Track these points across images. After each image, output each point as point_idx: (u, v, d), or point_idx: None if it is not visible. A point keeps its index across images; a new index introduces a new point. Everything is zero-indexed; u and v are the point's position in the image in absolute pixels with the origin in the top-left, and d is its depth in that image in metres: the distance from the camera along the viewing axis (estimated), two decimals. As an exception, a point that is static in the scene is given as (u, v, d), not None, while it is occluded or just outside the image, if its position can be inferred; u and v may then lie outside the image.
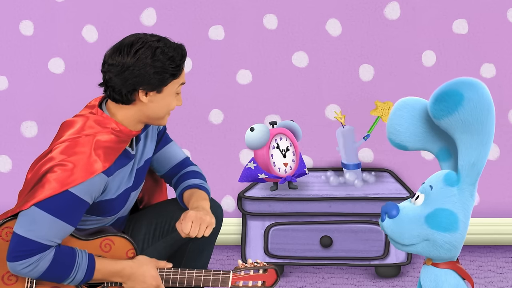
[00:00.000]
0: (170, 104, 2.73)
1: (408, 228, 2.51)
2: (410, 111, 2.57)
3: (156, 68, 2.65)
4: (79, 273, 2.66)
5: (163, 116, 2.75)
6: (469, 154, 2.46)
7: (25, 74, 3.93)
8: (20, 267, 2.60)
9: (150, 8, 3.90)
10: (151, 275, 2.74)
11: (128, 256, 2.76)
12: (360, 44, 3.91)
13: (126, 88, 2.67)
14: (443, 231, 2.50)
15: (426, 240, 2.52)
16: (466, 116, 2.40)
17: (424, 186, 2.57)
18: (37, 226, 2.59)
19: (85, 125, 2.70)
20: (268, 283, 2.84)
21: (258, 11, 3.90)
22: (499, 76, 3.90)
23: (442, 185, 2.52)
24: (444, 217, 2.50)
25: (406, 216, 2.52)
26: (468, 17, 3.87)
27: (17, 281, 2.69)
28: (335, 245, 3.60)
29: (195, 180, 2.94)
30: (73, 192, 2.60)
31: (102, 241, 2.74)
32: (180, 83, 2.73)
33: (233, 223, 3.93)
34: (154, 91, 2.68)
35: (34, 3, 3.89)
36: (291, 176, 3.62)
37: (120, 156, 2.72)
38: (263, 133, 3.57)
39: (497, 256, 3.84)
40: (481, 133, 2.43)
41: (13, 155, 3.97)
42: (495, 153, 3.94)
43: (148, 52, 2.66)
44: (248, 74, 3.95)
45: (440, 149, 2.60)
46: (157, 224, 2.94)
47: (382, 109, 3.69)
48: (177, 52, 2.69)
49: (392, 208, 2.53)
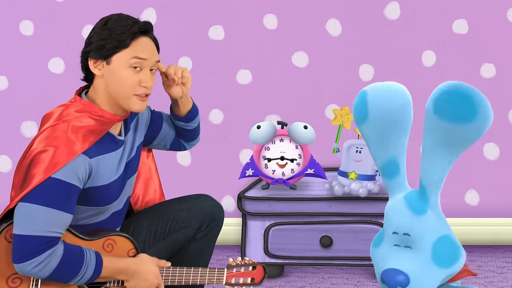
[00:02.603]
0: (127, 79, 2.65)
1: (427, 286, 2.39)
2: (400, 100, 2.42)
3: (102, 35, 2.65)
4: (88, 271, 2.65)
5: (126, 95, 2.67)
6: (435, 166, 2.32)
7: (25, 74, 3.94)
8: (29, 267, 2.57)
9: (150, 8, 3.91)
10: (153, 273, 2.75)
11: (129, 255, 2.77)
12: (360, 44, 3.91)
13: (81, 58, 2.70)
14: (454, 262, 2.40)
15: (445, 279, 2.42)
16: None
17: (399, 237, 2.40)
18: (32, 220, 2.56)
19: (63, 113, 2.69)
20: (256, 280, 2.90)
21: (258, 11, 3.90)
22: (499, 76, 3.90)
23: (414, 224, 2.38)
24: (446, 250, 2.38)
25: (417, 276, 2.37)
26: (468, 17, 3.87)
27: (21, 284, 2.68)
28: (335, 245, 3.60)
29: None
30: (57, 177, 2.57)
31: (105, 241, 2.74)
32: (132, 55, 2.65)
33: (233, 223, 3.93)
34: (100, 59, 2.66)
35: (34, 3, 3.89)
36: (284, 180, 3.60)
37: (104, 140, 2.70)
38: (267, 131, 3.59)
39: (497, 256, 3.84)
40: None
41: (13, 155, 3.97)
42: (495, 153, 3.94)
43: (102, 21, 2.69)
44: (248, 74, 3.95)
45: (388, 161, 2.44)
46: (158, 225, 2.94)
47: (341, 116, 3.64)
48: (129, 22, 2.67)
49: (400, 275, 2.37)
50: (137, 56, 2.66)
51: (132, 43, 2.66)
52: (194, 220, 2.93)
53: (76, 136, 2.61)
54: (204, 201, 2.96)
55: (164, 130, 2.99)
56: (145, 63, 2.68)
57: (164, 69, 2.82)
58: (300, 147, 3.65)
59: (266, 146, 3.65)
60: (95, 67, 2.68)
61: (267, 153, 3.65)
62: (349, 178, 3.56)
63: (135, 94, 2.68)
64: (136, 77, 2.67)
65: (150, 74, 2.70)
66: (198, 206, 2.95)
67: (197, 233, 2.94)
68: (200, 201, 2.96)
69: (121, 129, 2.79)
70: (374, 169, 3.60)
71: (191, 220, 2.93)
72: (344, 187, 3.56)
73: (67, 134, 2.61)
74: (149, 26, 2.72)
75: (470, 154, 3.92)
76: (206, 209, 2.94)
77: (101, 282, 2.76)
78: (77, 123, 2.65)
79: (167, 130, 3.00)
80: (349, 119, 3.62)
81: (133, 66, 2.66)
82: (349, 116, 3.62)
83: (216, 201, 2.99)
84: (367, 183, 3.57)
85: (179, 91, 2.86)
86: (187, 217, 2.93)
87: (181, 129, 3.00)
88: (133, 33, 2.66)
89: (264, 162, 3.64)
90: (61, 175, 2.58)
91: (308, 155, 3.63)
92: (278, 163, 3.64)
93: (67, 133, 2.61)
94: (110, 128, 2.73)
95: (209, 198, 2.98)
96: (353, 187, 3.54)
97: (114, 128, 2.76)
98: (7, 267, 2.65)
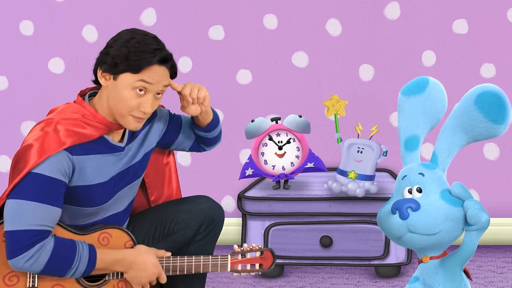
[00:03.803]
0: (127, 99, 2.64)
1: (435, 215, 2.55)
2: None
3: (120, 52, 2.63)
4: (81, 264, 2.65)
5: (122, 113, 2.66)
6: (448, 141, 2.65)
7: (25, 74, 3.94)
8: (21, 261, 2.59)
9: (150, 8, 3.91)
10: (152, 263, 2.75)
11: (126, 247, 2.77)
12: (360, 44, 3.91)
13: (95, 63, 2.70)
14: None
15: (451, 221, 2.56)
16: None
17: (410, 178, 2.63)
18: (20, 215, 2.58)
19: (57, 110, 2.73)
20: (265, 265, 2.86)
21: (258, 11, 3.90)
22: (499, 76, 3.90)
23: (427, 171, 2.63)
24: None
25: (428, 205, 2.56)
26: (468, 17, 3.87)
27: (18, 282, 2.69)
28: (335, 245, 3.60)
29: None
30: (38, 172, 2.59)
31: (100, 235, 2.74)
32: (139, 79, 2.63)
33: (233, 223, 3.93)
34: (109, 72, 2.65)
35: (34, 3, 3.89)
36: (286, 174, 3.61)
37: (95, 142, 2.70)
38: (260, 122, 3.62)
39: (497, 256, 3.84)
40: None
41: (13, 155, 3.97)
42: (495, 153, 3.94)
43: (127, 36, 2.66)
44: (248, 74, 3.95)
45: (414, 135, 2.72)
46: (157, 226, 2.94)
47: (333, 106, 3.64)
48: (150, 49, 2.63)
49: (411, 201, 2.55)
50: (144, 79, 2.64)
51: (144, 70, 2.64)
52: (193, 222, 2.93)
53: (60, 133, 2.63)
54: (204, 203, 2.96)
55: (182, 137, 2.98)
56: (151, 88, 2.66)
57: (179, 89, 2.78)
58: (298, 140, 3.65)
59: (263, 142, 3.65)
60: (103, 77, 2.68)
61: (265, 149, 3.65)
62: (348, 177, 3.56)
63: (131, 115, 2.68)
64: (136, 100, 2.66)
65: (152, 99, 2.67)
66: (198, 207, 2.94)
67: (196, 234, 2.94)
68: (200, 203, 2.96)
69: (125, 137, 2.79)
70: (373, 170, 3.60)
71: (190, 221, 2.93)
72: (342, 186, 3.57)
73: (51, 130, 2.63)
74: (168, 57, 2.67)
75: (470, 154, 3.92)
76: (205, 211, 2.94)
77: (101, 276, 2.76)
78: (65, 121, 2.66)
79: (186, 135, 2.98)
80: (341, 106, 3.63)
81: (138, 88, 2.64)
82: (341, 103, 3.63)
83: (216, 203, 2.98)
84: (364, 183, 3.57)
85: (196, 110, 2.83)
86: (186, 219, 2.93)
87: (201, 137, 2.99)
88: (150, 63, 2.63)
89: (263, 159, 3.64)
90: (43, 169, 2.60)
91: (306, 148, 3.63)
92: (277, 152, 3.64)
93: (51, 129, 2.63)
94: (106, 133, 2.73)
95: (209, 200, 2.98)
96: (350, 187, 3.54)
97: (112, 134, 2.76)
98: (3, 265, 2.67)
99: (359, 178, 3.57)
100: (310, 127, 3.63)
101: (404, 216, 2.52)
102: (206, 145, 3.04)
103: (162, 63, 2.65)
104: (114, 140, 2.76)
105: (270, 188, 3.68)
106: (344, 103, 3.63)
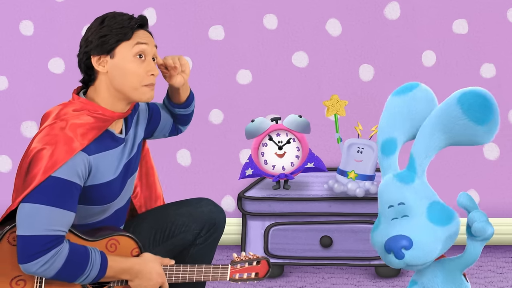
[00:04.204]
0: (134, 70, 2.68)
1: (429, 246, 2.50)
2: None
3: (101, 32, 2.67)
4: (93, 270, 2.64)
5: (134, 86, 2.69)
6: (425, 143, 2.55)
7: (25, 74, 3.94)
8: (35, 267, 2.56)
9: (150, 8, 3.91)
10: (157, 272, 2.75)
11: (133, 255, 2.77)
12: (360, 44, 3.91)
13: (82, 58, 2.70)
14: (450, 221, 2.53)
15: (444, 241, 2.52)
16: None
17: (394, 210, 2.57)
18: (35, 220, 2.55)
19: (60, 111, 2.70)
20: (261, 274, 2.91)
21: (258, 11, 3.90)
22: (499, 76, 3.90)
23: (406, 193, 2.55)
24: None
25: (419, 236, 2.50)
26: (468, 17, 3.87)
27: (25, 285, 2.67)
28: (335, 245, 3.60)
29: None
30: (57, 176, 2.57)
31: (108, 241, 2.74)
32: (135, 42, 2.68)
33: (233, 223, 3.93)
34: (103, 54, 2.67)
35: (34, 3, 3.89)
36: (286, 174, 3.61)
37: (104, 138, 2.70)
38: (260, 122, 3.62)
39: (497, 256, 3.85)
40: None
41: (13, 155, 3.97)
42: (495, 153, 3.94)
43: (99, 19, 2.71)
44: (248, 74, 3.95)
45: (391, 139, 2.65)
46: (157, 229, 2.93)
47: (333, 106, 3.65)
48: (125, 18, 2.70)
49: (402, 240, 2.50)
50: (139, 41, 2.68)
51: (134, 35, 2.69)
52: (194, 225, 2.93)
53: (74, 134, 2.61)
54: (205, 206, 2.95)
55: (163, 120, 3.01)
56: (147, 49, 2.70)
57: (161, 61, 2.83)
58: (298, 140, 3.66)
59: (263, 142, 3.65)
60: (99, 63, 2.68)
61: (265, 149, 3.65)
62: (348, 177, 3.56)
63: (143, 85, 2.70)
64: (142, 67, 2.69)
65: (153, 62, 2.73)
66: (198, 211, 2.94)
67: (196, 238, 2.94)
68: (201, 206, 2.95)
69: (122, 127, 2.80)
70: (373, 170, 3.60)
71: (190, 225, 2.92)
72: (342, 186, 3.57)
73: (65, 132, 2.61)
74: (145, 19, 2.75)
75: (470, 154, 3.92)
76: (206, 214, 2.94)
77: (105, 282, 2.76)
78: (76, 120, 2.65)
79: (166, 119, 3.02)
80: (341, 106, 3.64)
81: (137, 54, 2.68)
82: (340, 103, 3.63)
83: (218, 206, 2.98)
84: (364, 183, 3.57)
85: (181, 79, 2.88)
86: (187, 222, 2.92)
87: (180, 115, 3.02)
88: (132, 27, 2.68)
89: (263, 159, 3.64)
90: (61, 173, 2.57)
91: (306, 148, 3.63)
92: (277, 152, 3.64)
93: (65, 131, 2.61)
94: (110, 125, 2.73)
95: (210, 202, 2.97)
96: (350, 187, 3.54)
97: (114, 126, 2.76)
98: (10, 269, 2.65)
99: (359, 178, 3.57)
100: (310, 127, 3.64)
101: (400, 257, 2.50)
102: (183, 123, 3.07)
103: (143, 27, 2.73)
104: (116, 132, 2.77)
105: (270, 188, 3.68)
106: (344, 103, 3.63)
